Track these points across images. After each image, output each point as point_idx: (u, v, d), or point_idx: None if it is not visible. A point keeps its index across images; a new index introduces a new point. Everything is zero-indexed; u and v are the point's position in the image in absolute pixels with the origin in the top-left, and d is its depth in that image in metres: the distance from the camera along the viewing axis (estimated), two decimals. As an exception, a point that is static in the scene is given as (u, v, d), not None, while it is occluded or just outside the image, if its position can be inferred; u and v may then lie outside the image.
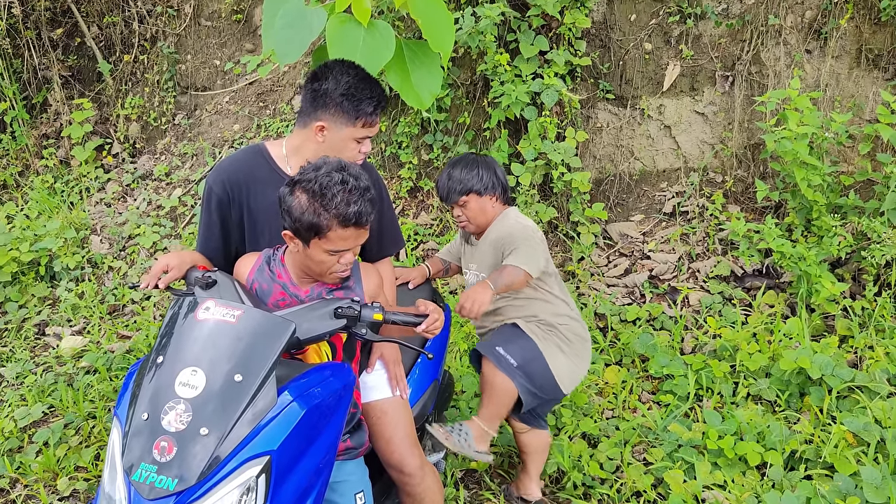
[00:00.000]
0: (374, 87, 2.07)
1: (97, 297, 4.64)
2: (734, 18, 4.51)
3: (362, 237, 1.88)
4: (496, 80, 4.30)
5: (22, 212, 5.48)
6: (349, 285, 2.03)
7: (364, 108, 2.04)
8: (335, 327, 1.83)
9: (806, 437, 2.97)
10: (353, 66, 2.09)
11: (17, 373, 3.96)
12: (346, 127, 2.06)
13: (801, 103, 3.78)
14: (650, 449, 3.04)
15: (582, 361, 2.71)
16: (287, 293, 1.98)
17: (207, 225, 2.20)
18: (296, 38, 1.91)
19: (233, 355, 1.64)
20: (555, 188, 4.40)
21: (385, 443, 2.18)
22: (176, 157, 5.72)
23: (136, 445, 1.56)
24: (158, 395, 1.60)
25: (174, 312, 1.76)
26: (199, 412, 1.56)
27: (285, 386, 1.66)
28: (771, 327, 3.68)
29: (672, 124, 4.65)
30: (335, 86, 2.02)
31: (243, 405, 1.58)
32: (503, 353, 2.56)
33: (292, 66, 5.58)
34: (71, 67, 6.20)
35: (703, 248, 4.35)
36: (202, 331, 1.69)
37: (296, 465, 1.63)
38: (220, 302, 1.74)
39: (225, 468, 1.53)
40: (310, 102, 2.08)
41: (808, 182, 3.76)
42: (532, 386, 2.57)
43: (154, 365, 1.66)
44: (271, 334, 1.69)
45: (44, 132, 6.02)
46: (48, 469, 3.17)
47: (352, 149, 2.10)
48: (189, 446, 1.53)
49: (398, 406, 2.23)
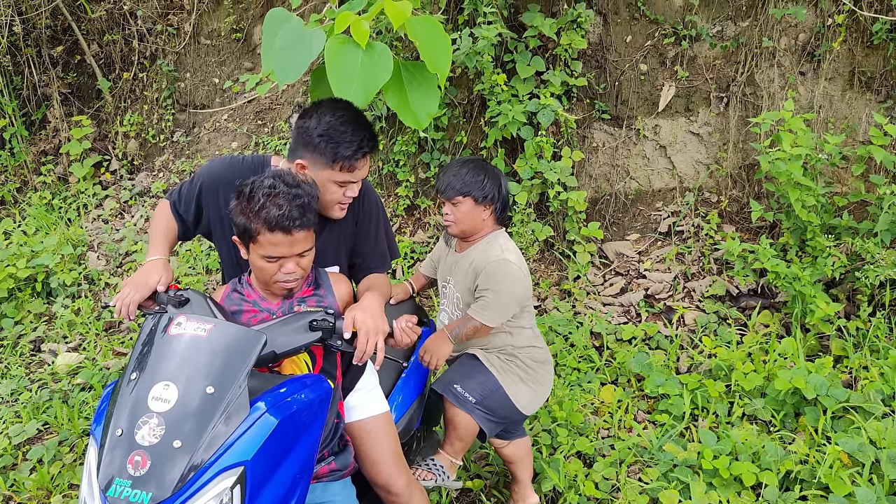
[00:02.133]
0: (358, 130, 2.02)
1: (93, 313, 4.64)
2: (729, 40, 4.56)
3: (297, 245, 1.86)
4: (493, 100, 4.34)
5: (19, 228, 5.48)
6: (320, 293, 2.04)
7: (341, 152, 1.99)
8: (310, 340, 1.85)
9: (801, 457, 2.97)
10: (342, 106, 2.04)
11: (12, 389, 3.95)
12: (323, 169, 2.02)
13: (794, 125, 3.82)
14: (645, 469, 3.03)
15: (543, 387, 2.70)
16: (258, 309, 2.00)
17: (188, 198, 2.21)
18: (295, 58, 1.93)
19: (205, 368, 1.65)
20: (551, 207, 4.42)
21: (371, 463, 2.18)
22: (174, 175, 5.74)
23: (111, 461, 1.56)
24: (132, 411, 1.60)
25: (148, 330, 1.77)
26: (172, 425, 1.57)
27: (259, 397, 1.66)
28: (766, 347, 3.69)
29: (667, 144, 4.69)
30: (316, 125, 2.00)
31: (216, 417, 1.59)
32: (460, 391, 2.54)
33: (290, 85, 5.62)
34: (70, 85, 6.23)
35: (698, 268, 4.37)
36: (175, 346, 1.70)
37: (271, 475, 1.64)
38: (191, 317, 1.75)
39: (199, 480, 1.53)
40: (294, 139, 2.06)
41: (803, 203, 3.79)
42: (494, 417, 2.58)
43: (128, 382, 1.67)
44: (243, 347, 1.71)
45: (42, 149, 6.04)
46: (42, 487, 3.16)
47: (333, 191, 2.05)
48: (163, 459, 1.54)
49: (382, 424, 2.22)
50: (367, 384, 2.25)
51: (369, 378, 2.27)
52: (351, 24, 1.88)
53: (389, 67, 1.90)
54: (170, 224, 2.21)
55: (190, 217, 2.21)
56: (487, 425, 2.57)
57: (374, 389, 2.28)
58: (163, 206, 2.26)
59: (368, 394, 2.24)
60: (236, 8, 5.91)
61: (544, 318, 4.12)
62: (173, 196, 2.25)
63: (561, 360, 3.83)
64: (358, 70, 1.89)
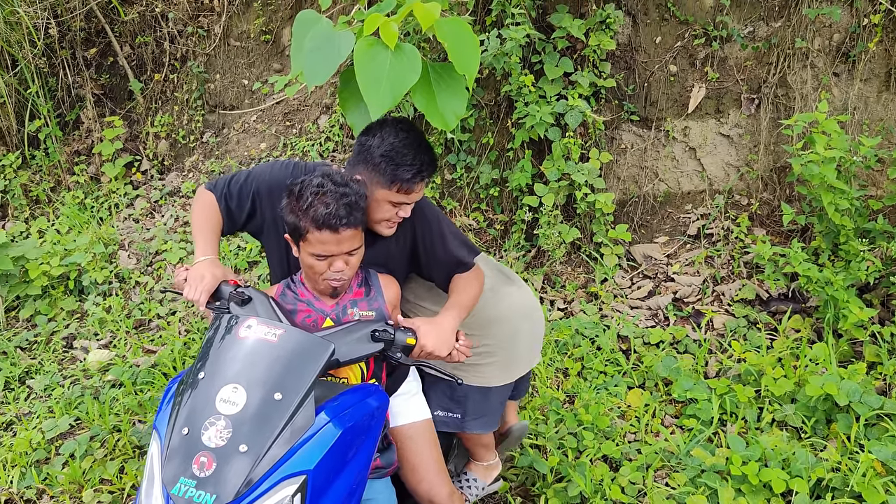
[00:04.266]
0: (420, 153, 2.01)
1: (124, 311, 4.71)
2: (760, 41, 4.50)
3: (345, 243, 1.87)
4: (520, 101, 4.33)
5: (53, 226, 5.58)
6: (371, 295, 2.05)
7: (400, 175, 1.98)
8: (373, 351, 1.87)
9: (833, 464, 2.92)
10: (406, 128, 2.04)
11: (46, 385, 4.02)
12: (381, 188, 2.01)
13: (828, 126, 3.75)
14: (673, 474, 3.00)
15: (504, 343, 2.41)
16: (313, 309, 2.02)
17: (241, 196, 2.18)
18: (324, 60, 1.94)
19: (273, 374, 1.66)
20: (578, 209, 4.40)
21: (412, 470, 2.17)
22: (203, 175, 5.80)
23: (176, 459, 1.57)
24: (199, 411, 1.61)
25: (217, 330, 1.78)
26: (239, 429, 1.57)
27: (322, 406, 1.68)
28: (797, 352, 3.63)
29: (697, 146, 4.64)
30: (378, 144, 2.00)
31: (282, 424, 1.59)
32: (443, 415, 2.41)
33: (319, 87, 5.66)
34: (103, 86, 6.33)
35: (727, 272, 4.31)
36: (243, 348, 1.71)
37: (330, 485, 1.64)
38: (261, 320, 1.76)
39: (262, 486, 1.54)
40: (356, 154, 2.06)
41: (836, 206, 3.72)
42: (490, 411, 2.48)
43: (195, 380, 1.68)
44: (311, 354, 1.71)
45: (76, 149, 6.14)
46: (74, 481, 3.21)
47: (387, 210, 2.05)
48: (228, 463, 1.54)
49: (425, 431, 2.22)
50: (410, 389, 2.26)
51: (412, 383, 2.27)
52: (380, 25, 1.88)
53: (418, 69, 1.90)
54: (217, 219, 2.18)
55: (242, 215, 2.20)
56: (488, 427, 2.49)
57: (416, 395, 2.28)
58: (208, 198, 2.20)
59: (411, 399, 2.24)
60: (265, 10, 5.96)
61: (570, 321, 4.10)
62: (220, 189, 2.20)
63: (587, 364, 3.80)
64: (386, 71, 1.89)
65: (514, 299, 2.47)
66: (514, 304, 2.47)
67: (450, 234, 2.23)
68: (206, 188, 2.23)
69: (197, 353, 4.00)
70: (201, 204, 2.20)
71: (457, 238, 2.25)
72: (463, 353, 2.01)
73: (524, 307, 2.50)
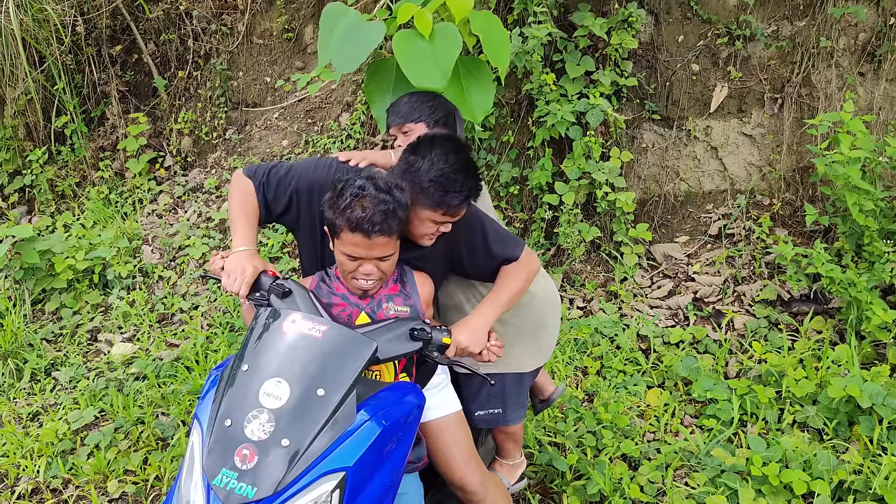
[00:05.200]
0: (468, 179, 1.99)
1: (147, 305, 4.77)
2: (784, 40, 4.47)
3: (376, 249, 1.86)
4: (541, 100, 4.33)
5: (78, 221, 5.66)
6: (406, 292, 2.08)
7: (448, 201, 1.97)
8: (412, 349, 1.90)
9: (855, 467, 2.90)
10: (455, 149, 2.02)
11: (71, 377, 4.09)
12: (426, 209, 1.99)
13: (853, 126, 3.72)
14: (692, 473, 3.00)
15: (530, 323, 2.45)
16: (348, 303, 2.04)
17: (279, 189, 2.17)
18: (354, 49, 1.96)
19: (317, 370, 1.67)
20: (598, 208, 4.39)
21: (445, 461, 2.19)
22: (226, 171, 5.86)
23: (218, 451, 1.58)
24: (242, 403, 1.63)
25: (261, 323, 1.80)
26: (282, 423, 1.59)
27: (362, 404, 1.69)
28: (819, 354, 3.61)
29: (719, 146, 4.62)
30: (428, 168, 1.97)
31: (324, 420, 1.61)
32: (487, 415, 2.45)
33: (341, 85, 5.69)
34: (128, 83, 6.41)
35: (749, 272, 4.29)
36: (288, 343, 1.72)
37: (369, 482, 1.65)
38: (305, 315, 1.78)
39: (302, 480, 1.55)
40: (402, 170, 2.02)
41: (860, 207, 3.69)
42: (522, 397, 2.51)
43: (238, 372, 1.69)
44: (354, 352, 1.73)
45: (101, 145, 6.22)
46: (99, 471, 3.27)
47: (429, 227, 2.03)
48: (269, 456, 1.56)
49: (456, 422, 2.24)
50: (439, 382, 2.27)
51: (441, 376, 2.29)
52: (414, 14, 1.90)
53: (459, 42, 1.91)
54: (255, 208, 2.16)
55: (279, 207, 2.18)
56: (525, 408, 2.52)
57: (446, 388, 2.29)
58: (247, 185, 2.17)
59: (441, 392, 2.26)
60: (288, 8, 6.01)
61: (590, 320, 4.10)
62: (259, 177, 2.18)
63: (607, 363, 3.80)
64: (430, 51, 1.90)
65: (541, 285, 2.50)
66: (543, 290, 2.51)
67: (491, 235, 2.22)
68: (245, 174, 2.21)
69: (219, 347, 4.05)
70: (239, 191, 2.17)
71: (498, 236, 2.24)
72: (494, 353, 2.03)
73: (551, 293, 2.55)
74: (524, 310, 2.44)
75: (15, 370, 4.18)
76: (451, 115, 2.35)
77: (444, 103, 2.32)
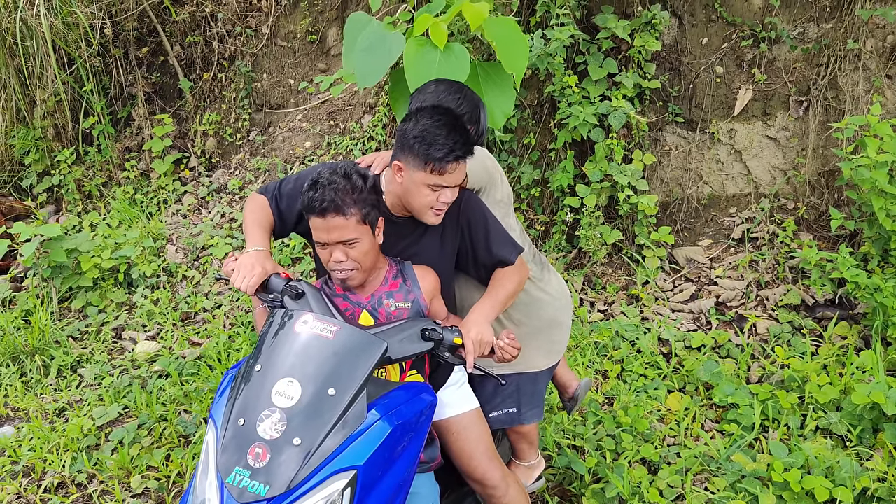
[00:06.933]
0: (452, 134, 1.99)
1: (171, 304, 4.83)
2: (810, 42, 4.42)
3: (334, 232, 1.88)
4: (564, 102, 4.32)
5: (104, 220, 5.75)
6: (407, 286, 2.09)
7: (432, 154, 1.98)
8: (423, 350, 1.91)
9: (879, 474, 2.86)
10: (441, 111, 2.05)
11: (96, 374, 4.16)
12: (417, 171, 2.02)
13: (881, 130, 3.68)
14: (712, 478, 2.97)
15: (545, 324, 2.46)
16: (349, 303, 2.06)
17: (291, 198, 2.22)
18: (375, 62, 1.99)
19: (328, 370, 1.70)
20: (620, 210, 4.37)
21: (466, 459, 2.20)
22: (249, 172, 5.92)
23: (231, 449, 1.61)
24: (255, 403, 1.66)
25: (274, 323, 1.83)
26: (294, 422, 1.62)
27: (373, 403, 1.71)
28: (843, 359, 3.56)
29: (743, 149, 4.58)
30: (413, 127, 2.01)
31: (335, 419, 1.63)
32: (501, 415, 2.46)
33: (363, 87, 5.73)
34: (154, 84, 6.50)
35: (772, 276, 4.25)
36: (300, 343, 1.75)
37: (380, 481, 1.67)
38: (317, 316, 1.81)
39: (313, 479, 1.58)
40: (397, 140, 2.08)
41: (887, 211, 3.64)
42: (538, 397, 2.51)
43: (251, 372, 1.72)
44: (364, 352, 1.75)
45: (127, 145, 6.32)
46: (122, 467, 3.32)
47: (426, 195, 2.05)
48: (282, 455, 1.58)
49: (475, 419, 2.25)
50: (457, 380, 2.29)
51: (458, 374, 2.30)
52: (430, 25, 1.92)
53: (466, 67, 1.94)
54: (269, 217, 2.24)
55: (292, 216, 2.24)
56: (540, 407, 2.52)
57: (463, 385, 2.31)
58: (260, 200, 2.26)
59: (459, 390, 2.27)
60: (312, 11, 6.06)
61: (611, 323, 4.08)
62: (271, 191, 2.26)
63: (627, 366, 3.79)
64: (435, 70, 1.93)
65: (553, 285, 2.52)
66: (554, 290, 2.52)
67: (494, 232, 2.25)
68: (258, 192, 2.30)
69: (241, 346, 4.10)
70: (253, 205, 2.26)
71: (499, 236, 2.27)
72: (509, 351, 2.03)
73: (564, 291, 2.56)
74: (540, 309, 2.45)
75: (42, 367, 4.26)
76: (477, 110, 2.33)
77: (471, 97, 2.31)
